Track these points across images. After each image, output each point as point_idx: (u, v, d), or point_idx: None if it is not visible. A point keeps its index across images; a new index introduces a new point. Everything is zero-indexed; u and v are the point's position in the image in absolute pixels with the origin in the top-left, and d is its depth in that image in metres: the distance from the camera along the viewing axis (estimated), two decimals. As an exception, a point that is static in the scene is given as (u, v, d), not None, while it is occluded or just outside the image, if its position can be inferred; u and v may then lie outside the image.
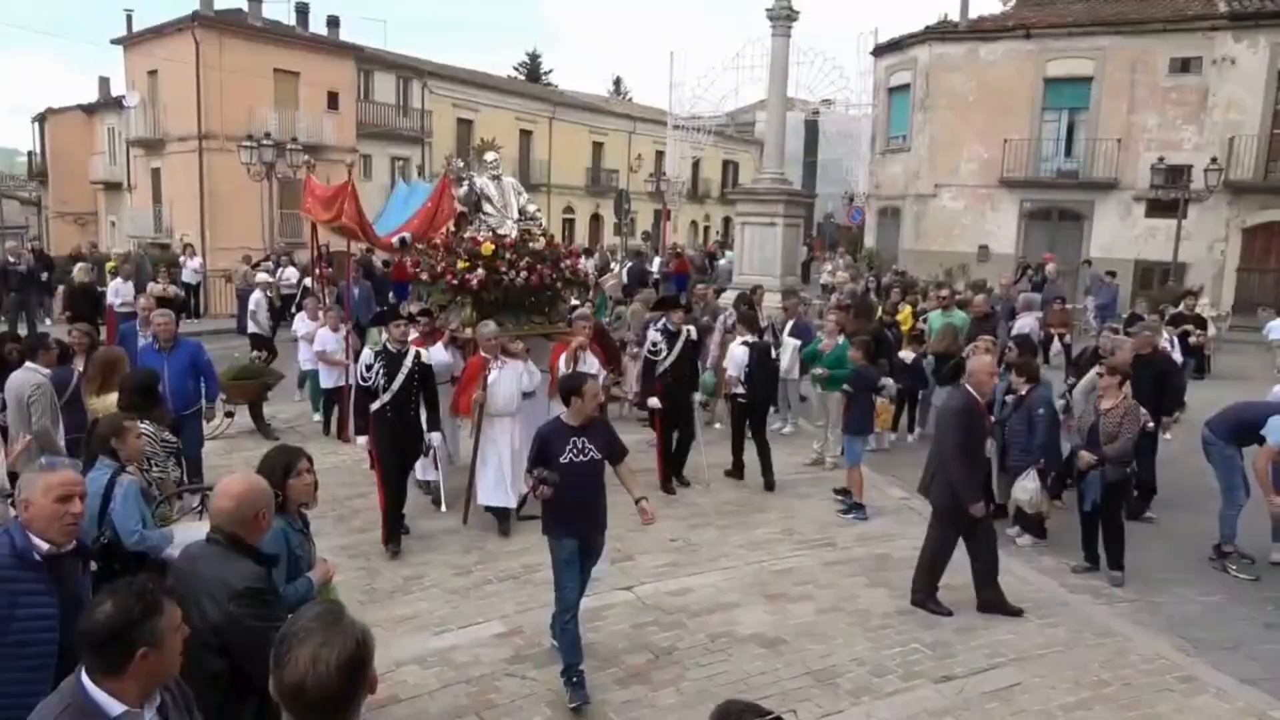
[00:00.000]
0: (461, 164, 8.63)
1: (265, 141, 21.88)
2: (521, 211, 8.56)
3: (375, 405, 6.86)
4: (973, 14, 25.95)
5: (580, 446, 4.93)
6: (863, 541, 7.40)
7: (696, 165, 37.38)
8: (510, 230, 8.25)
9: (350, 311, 11.28)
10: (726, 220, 42.98)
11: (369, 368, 6.89)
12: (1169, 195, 21.49)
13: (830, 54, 38.15)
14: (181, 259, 20.99)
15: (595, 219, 41.30)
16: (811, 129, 36.82)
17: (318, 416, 10.78)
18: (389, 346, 6.96)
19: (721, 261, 23.71)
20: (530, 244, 8.23)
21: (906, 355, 10.42)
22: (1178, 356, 10.60)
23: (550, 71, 56.32)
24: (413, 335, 7.35)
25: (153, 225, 29.09)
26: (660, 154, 35.86)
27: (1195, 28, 22.78)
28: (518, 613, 5.87)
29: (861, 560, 7.01)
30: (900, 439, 10.90)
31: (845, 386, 8.34)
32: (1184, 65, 22.92)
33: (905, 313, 12.76)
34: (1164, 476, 8.46)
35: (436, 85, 34.30)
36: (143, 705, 2.28)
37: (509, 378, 7.28)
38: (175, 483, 5.34)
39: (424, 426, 7.12)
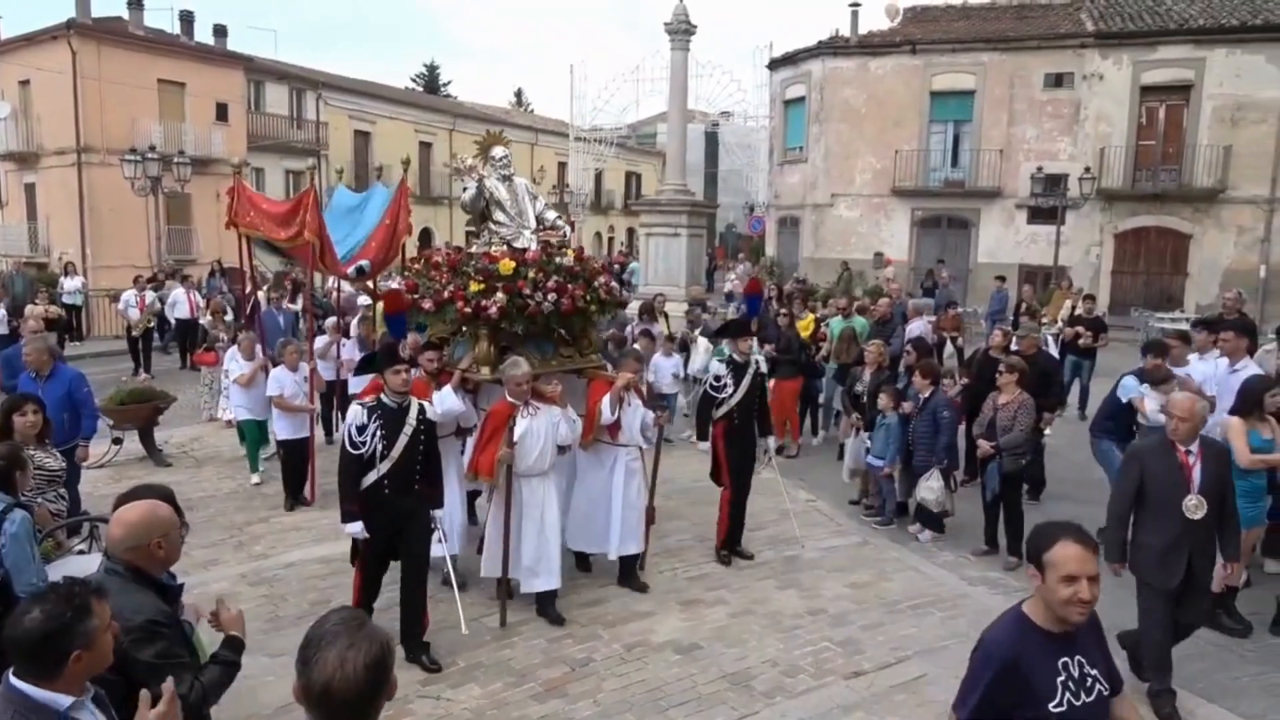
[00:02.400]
0: (470, 161, 7.02)
1: (150, 155, 20.97)
2: (540, 220, 6.96)
3: (370, 479, 5.28)
4: (862, 29, 26.87)
5: (1080, 674, 2.68)
6: (772, 544, 7.55)
7: (599, 177, 37.52)
8: (528, 242, 6.67)
9: (267, 343, 9.83)
10: (630, 231, 43.27)
11: (361, 429, 5.25)
12: (1048, 203, 22.71)
13: (728, 67, 38.95)
14: (61, 278, 19.92)
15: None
16: (712, 140, 37.50)
17: (256, 478, 8.98)
18: (386, 400, 5.36)
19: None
20: (557, 259, 6.57)
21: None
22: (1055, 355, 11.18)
23: (449, 83, 55.72)
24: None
25: (28, 243, 27.50)
26: (563, 165, 35.87)
27: (1066, 45, 24.15)
28: (431, 633, 5.77)
29: (771, 563, 7.16)
30: (805, 443, 11.16)
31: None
32: (1058, 80, 24.27)
33: (808, 320, 13.09)
34: (1050, 469, 8.92)
35: (331, 96, 33.51)
36: (82, 694, 2.37)
37: (542, 428, 5.85)
38: (62, 514, 5.07)
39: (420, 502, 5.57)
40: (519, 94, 60.73)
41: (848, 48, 26.49)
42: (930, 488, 7.52)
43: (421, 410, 5.49)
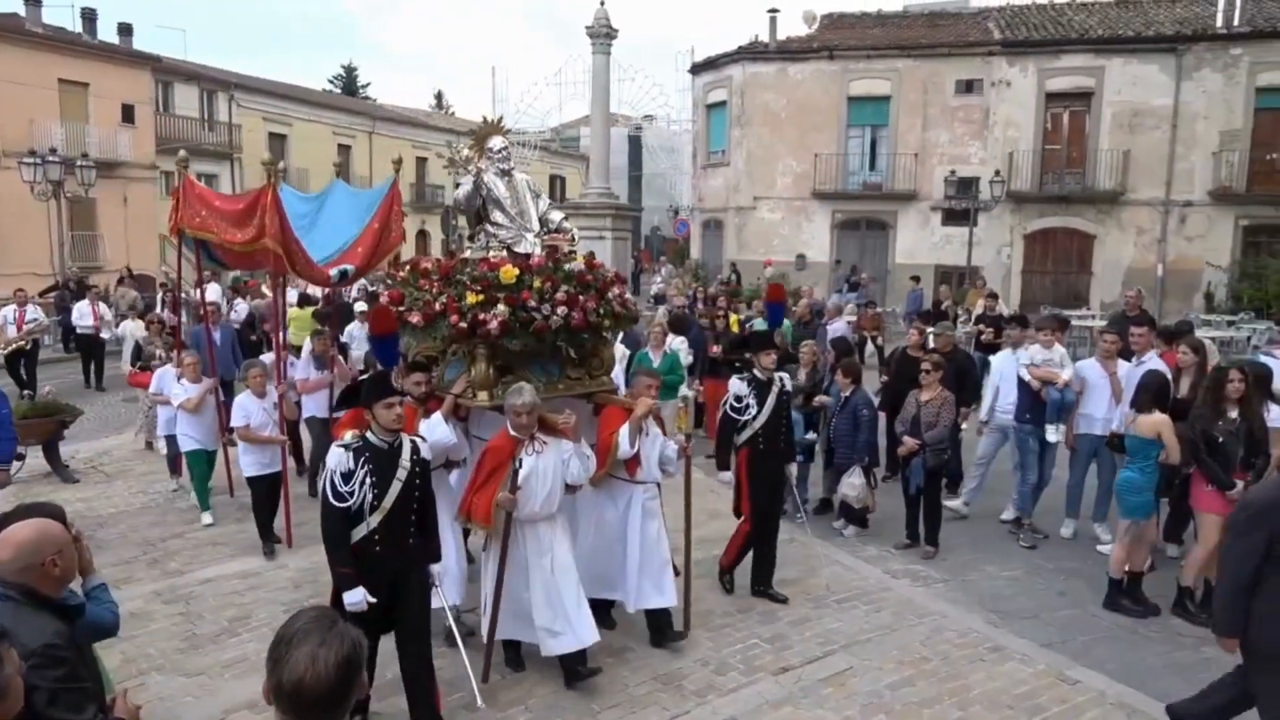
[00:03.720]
0: (465, 152, 6.17)
1: (50, 157, 20.04)
2: (543, 221, 6.07)
3: (358, 534, 4.43)
4: (781, 35, 27.33)
5: None
6: (699, 545, 7.60)
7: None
8: (531, 247, 5.81)
9: (215, 363, 9.04)
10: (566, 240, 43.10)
11: (347, 477, 4.36)
12: (961, 205, 23.43)
13: (650, 71, 39.15)
14: (-48, 288, 18.85)
15: (421, 235, 40.40)
16: (635, 144, 37.65)
17: (208, 518, 8.01)
18: (374, 440, 4.48)
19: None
20: (565, 266, 5.64)
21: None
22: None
23: (368, 85, 54.72)
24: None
25: (-86, 251, 26.01)
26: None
27: (975, 53, 24.98)
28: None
29: (701, 563, 7.20)
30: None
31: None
32: (968, 86, 25.08)
33: (732, 320, 13.26)
34: (968, 462, 9.20)
35: (245, 98, 32.58)
36: None
37: (549, 467, 5.00)
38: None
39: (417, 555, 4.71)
40: (439, 97, 60.05)
41: (767, 53, 26.91)
42: (852, 484, 7.70)
43: (415, 450, 4.60)
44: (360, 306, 12.62)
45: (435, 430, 5.22)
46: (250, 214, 7.20)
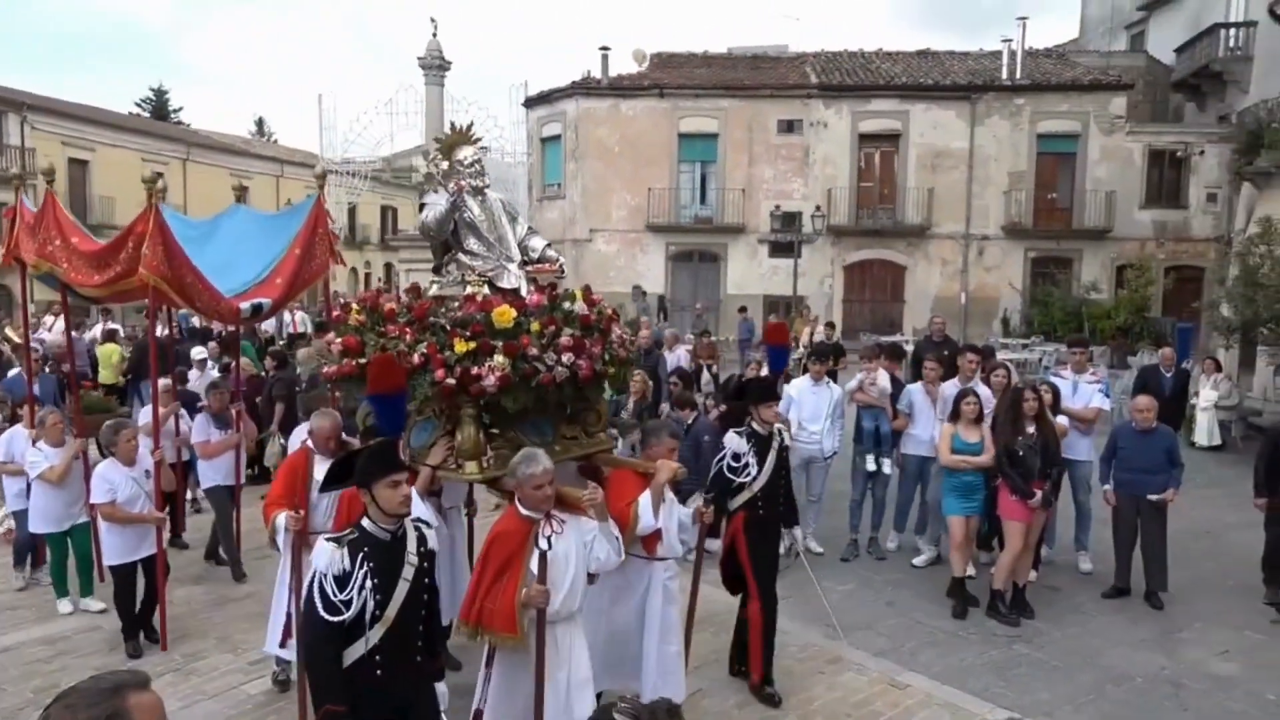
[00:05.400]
0: (445, 164, 5.12)
1: None
2: (524, 250, 5.12)
3: (357, 653, 3.47)
4: (613, 72, 27.98)
5: None
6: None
7: (353, 211, 36.17)
8: (517, 281, 4.88)
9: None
10: (388, 267, 42.07)
11: (343, 581, 3.41)
12: (785, 238, 24.67)
13: (484, 103, 39.06)
14: None
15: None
16: (470, 175, 37.24)
17: (67, 606, 6.68)
18: (372, 529, 3.56)
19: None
20: (565, 305, 4.75)
21: None
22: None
23: (180, 109, 51.55)
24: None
25: None
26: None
27: (795, 95, 26.49)
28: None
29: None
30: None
31: None
32: (789, 126, 26.53)
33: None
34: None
35: (40, 120, 30.03)
36: None
37: (571, 552, 4.09)
38: None
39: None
40: (260, 123, 57.25)
41: (600, 89, 27.47)
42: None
43: (422, 540, 3.68)
44: (199, 352, 11.04)
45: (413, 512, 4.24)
46: (117, 249, 5.97)
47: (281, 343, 14.36)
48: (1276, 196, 18.35)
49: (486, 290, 4.71)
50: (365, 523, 3.57)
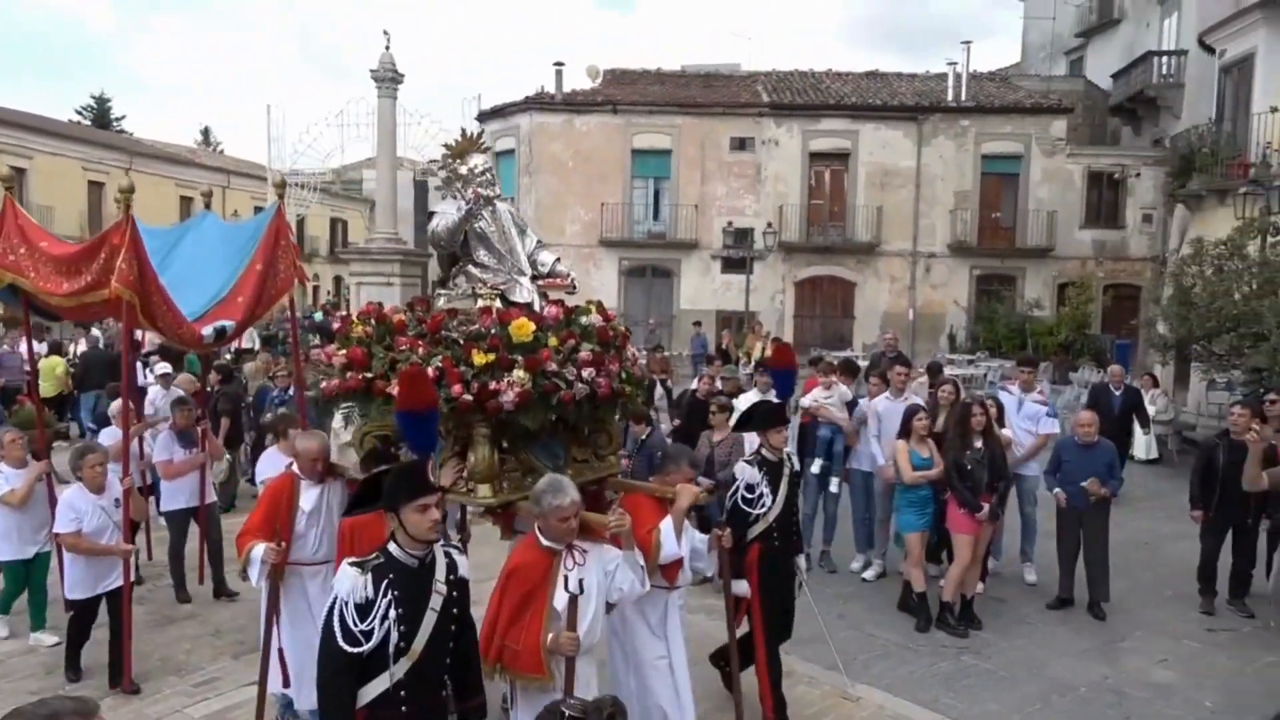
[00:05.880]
0: (463, 169, 4.85)
1: None
2: (533, 264, 4.93)
3: (379, 689, 3.26)
4: (567, 87, 28.05)
5: None
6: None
7: (302, 223, 35.67)
8: (530, 295, 4.69)
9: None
10: (338, 279, 41.50)
11: (365, 611, 3.20)
12: (738, 254, 24.93)
13: (437, 116, 38.88)
14: None
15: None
16: (422, 188, 37.02)
17: (47, 639, 6.26)
18: (399, 555, 3.34)
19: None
20: (581, 320, 4.56)
21: None
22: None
23: (123, 118, 50.38)
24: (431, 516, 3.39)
25: None
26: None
27: (746, 113, 26.81)
28: None
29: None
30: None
31: None
32: (741, 144, 26.83)
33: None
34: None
35: (-28, 126, 29.15)
36: None
37: (593, 584, 3.87)
38: None
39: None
40: (206, 132, 56.24)
41: (554, 104, 27.50)
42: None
43: (452, 566, 3.46)
44: (163, 367, 10.62)
45: None
46: (89, 257, 5.56)
47: (228, 356, 14.07)
48: (1208, 218, 19.06)
49: (499, 304, 4.48)
50: (392, 548, 3.34)
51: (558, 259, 5.14)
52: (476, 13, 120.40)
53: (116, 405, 7.46)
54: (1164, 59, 24.60)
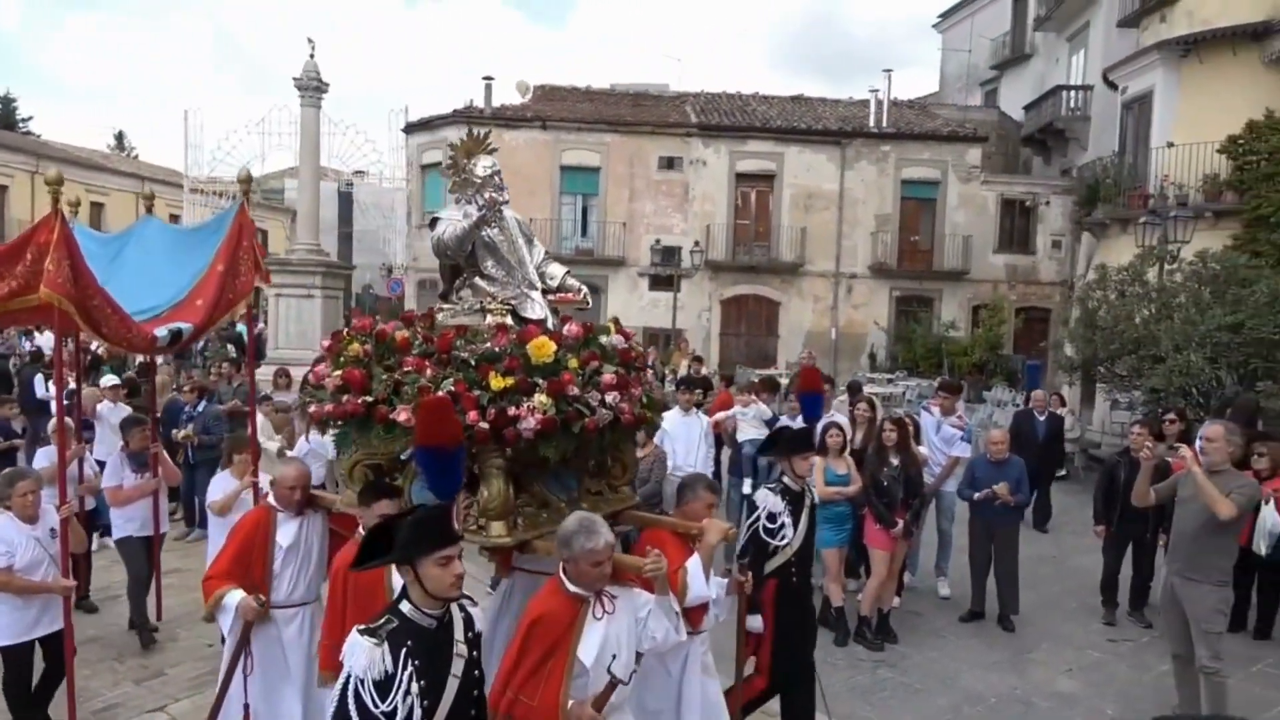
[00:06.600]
0: (480, 170, 4.44)
1: None
2: (542, 276, 4.59)
3: None
4: (496, 102, 27.95)
5: None
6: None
7: (220, 232, 34.67)
8: (543, 312, 4.35)
9: None
10: (257, 290, 40.31)
11: (385, 688, 2.78)
12: (665, 272, 25.11)
13: (362, 126, 38.33)
14: None
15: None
16: (346, 199, 36.38)
17: None
18: (413, 616, 2.92)
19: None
20: (601, 339, 4.17)
21: None
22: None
23: (30, 119, 48.29)
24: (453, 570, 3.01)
25: None
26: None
27: (675, 133, 27.10)
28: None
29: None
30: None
31: None
32: (670, 163, 27.09)
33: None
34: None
35: None
36: None
37: (623, 635, 3.51)
38: None
39: None
40: (120, 137, 54.20)
41: (483, 118, 27.34)
42: None
43: (469, 623, 3.09)
44: (111, 379, 10.03)
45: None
46: (12, 259, 4.86)
47: (133, 369, 13.53)
48: (1111, 246, 19.97)
49: (510, 320, 4.14)
50: (405, 608, 2.91)
51: (567, 271, 4.79)
52: (404, 24, 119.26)
53: (53, 423, 6.74)
54: (1072, 93, 25.77)
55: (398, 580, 3.47)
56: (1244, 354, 11.50)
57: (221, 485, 6.26)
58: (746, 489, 8.47)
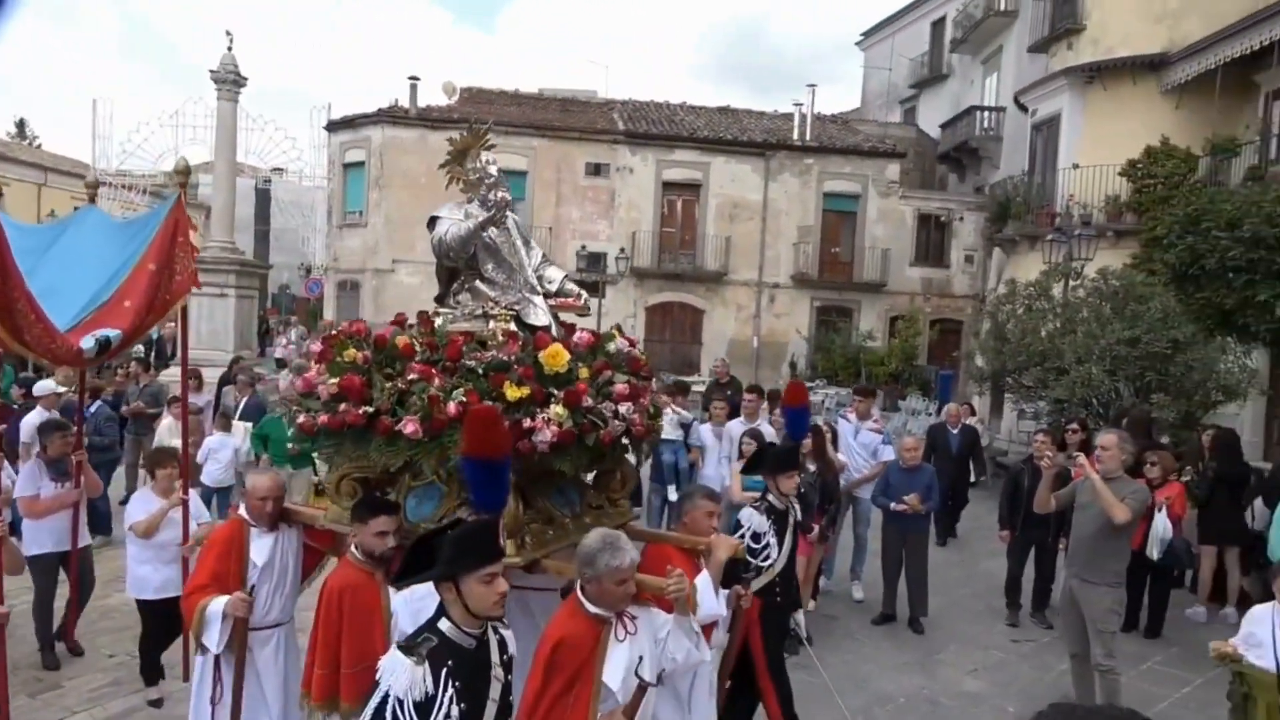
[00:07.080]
0: (492, 168, 4.44)
1: None
2: (540, 280, 4.40)
3: None
4: (422, 103, 27.59)
5: None
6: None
7: (128, 226, 33.38)
8: (545, 318, 4.19)
9: None
10: (167, 288, 38.91)
11: (426, 709, 2.66)
12: (591, 278, 25.11)
13: (282, 122, 37.38)
14: None
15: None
16: (263, 197, 35.44)
17: None
18: (453, 636, 2.81)
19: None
20: (609, 347, 4.07)
21: None
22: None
23: (-81, 101, 45.67)
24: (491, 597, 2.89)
25: None
26: (79, 209, 31.35)
27: (602, 140, 27.19)
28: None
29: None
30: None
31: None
32: (597, 169, 27.17)
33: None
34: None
35: None
36: None
37: (646, 655, 3.38)
38: None
39: None
40: (21, 125, 51.68)
41: (408, 119, 26.99)
42: None
43: (504, 645, 2.98)
44: (47, 385, 9.05)
45: (418, 606, 3.38)
46: None
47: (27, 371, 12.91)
48: (1020, 261, 20.79)
49: (513, 326, 3.97)
50: (445, 626, 2.78)
51: (565, 276, 4.60)
52: (328, 20, 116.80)
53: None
54: (985, 114, 26.76)
55: (396, 600, 3.56)
56: (1139, 367, 12.09)
57: (144, 504, 5.66)
58: (672, 496, 8.55)
